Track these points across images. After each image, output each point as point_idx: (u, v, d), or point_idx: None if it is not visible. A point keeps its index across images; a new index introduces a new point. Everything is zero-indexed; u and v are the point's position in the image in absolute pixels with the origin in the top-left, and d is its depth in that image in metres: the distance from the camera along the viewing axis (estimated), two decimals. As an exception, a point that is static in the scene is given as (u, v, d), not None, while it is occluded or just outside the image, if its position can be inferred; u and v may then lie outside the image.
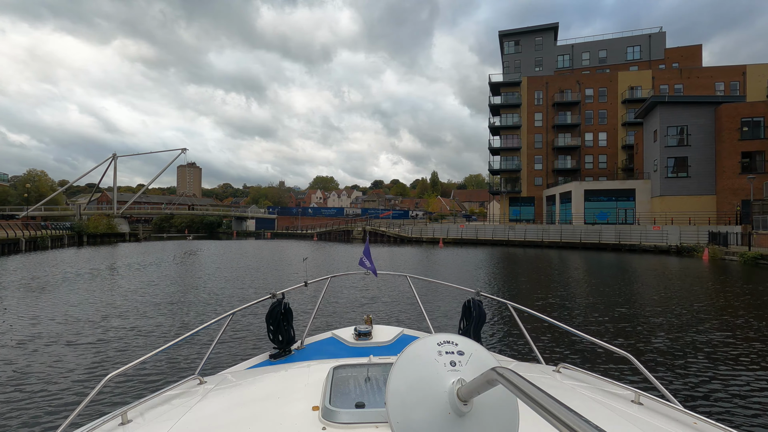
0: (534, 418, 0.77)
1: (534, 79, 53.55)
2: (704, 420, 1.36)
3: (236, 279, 16.25)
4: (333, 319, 9.13)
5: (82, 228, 44.02)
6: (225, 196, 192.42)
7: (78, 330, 8.19)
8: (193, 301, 11.52)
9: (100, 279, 15.93)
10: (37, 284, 14.52)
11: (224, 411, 1.42)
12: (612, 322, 9.08)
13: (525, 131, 53.47)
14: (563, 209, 45.46)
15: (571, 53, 57.40)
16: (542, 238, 39.61)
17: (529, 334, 2.72)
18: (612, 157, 51.47)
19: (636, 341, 7.68)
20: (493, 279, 17.02)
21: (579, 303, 11.52)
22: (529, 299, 12.17)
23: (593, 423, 0.53)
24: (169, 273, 18.32)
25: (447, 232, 46.37)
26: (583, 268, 20.96)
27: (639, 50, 55.08)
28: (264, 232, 75.50)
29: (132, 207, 69.46)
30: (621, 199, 41.42)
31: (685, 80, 49.52)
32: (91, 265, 21.68)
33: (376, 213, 79.39)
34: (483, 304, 2.86)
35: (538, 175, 53.32)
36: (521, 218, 52.73)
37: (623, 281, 15.90)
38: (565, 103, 51.99)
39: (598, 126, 51.96)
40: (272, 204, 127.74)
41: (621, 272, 19.01)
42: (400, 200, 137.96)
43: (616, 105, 51.49)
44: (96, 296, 12.05)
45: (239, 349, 6.86)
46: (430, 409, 0.77)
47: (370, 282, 13.80)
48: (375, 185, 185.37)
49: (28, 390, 5.25)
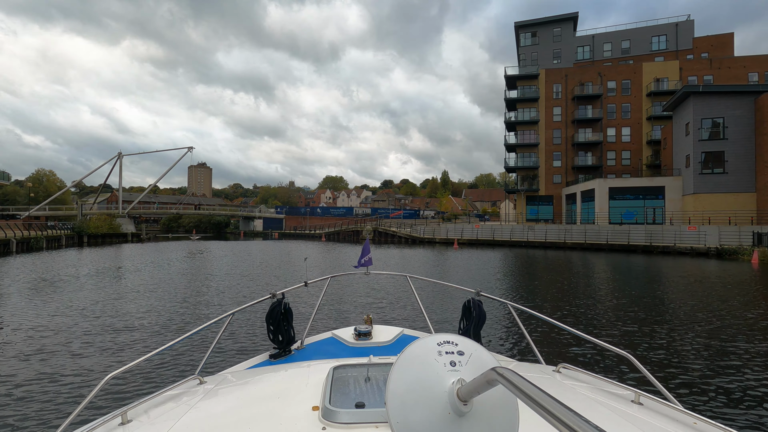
0: (534, 418, 0.77)
1: (552, 71, 50.89)
2: (704, 420, 1.35)
3: (230, 289, 14.23)
4: (333, 319, 9.10)
5: (83, 228, 42.56)
6: (235, 196, 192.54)
7: (78, 330, 8.17)
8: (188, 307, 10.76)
9: (78, 284, 14.08)
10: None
11: (224, 411, 1.42)
12: (648, 337, 7.94)
13: (543, 126, 50.83)
14: (585, 208, 42.81)
15: (591, 44, 54.51)
16: (564, 239, 37.03)
17: (529, 334, 2.70)
18: (636, 153, 48.57)
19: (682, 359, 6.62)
20: (519, 285, 14.75)
21: (616, 315, 9.93)
22: (560, 308, 10.49)
23: (593, 423, 0.53)
24: (151, 279, 16.39)
25: (461, 233, 44.01)
26: (615, 273, 18.56)
27: (665, 40, 51.99)
28: (271, 233, 74.05)
29: (138, 207, 68.27)
30: (649, 198, 38.63)
31: (716, 71, 46.45)
32: (73, 270, 19.86)
33: (386, 213, 77.31)
34: (483, 304, 2.83)
35: (557, 172, 50.64)
36: (539, 218, 50.11)
37: (663, 288, 13.54)
38: (585, 97, 49.23)
39: (621, 120, 49.10)
40: (281, 204, 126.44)
41: (657, 277, 16.56)
42: (410, 200, 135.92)
43: (641, 98, 48.59)
44: (95, 297, 12.01)
45: (239, 349, 6.84)
46: (430, 409, 0.77)
47: (370, 282, 13.60)
48: (384, 185, 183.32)
49: (28, 390, 5.26)
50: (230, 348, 6.94)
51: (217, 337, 2.41)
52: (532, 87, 51.41)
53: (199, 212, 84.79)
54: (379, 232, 52.19)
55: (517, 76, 52.15)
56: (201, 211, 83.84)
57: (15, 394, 5.13)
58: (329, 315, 9.45)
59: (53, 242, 35.74)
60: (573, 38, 54.86)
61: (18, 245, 29.40)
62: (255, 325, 8.21)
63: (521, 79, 52.12)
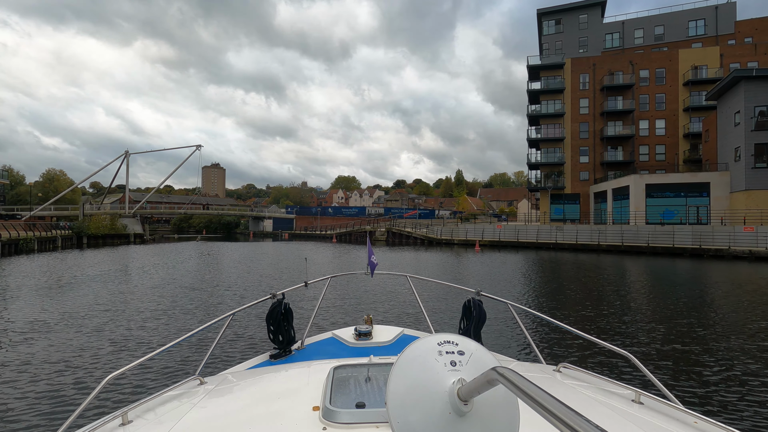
0: (534, 418, 0.77)
1: (579, 60, 47.36)
2: (704, 419, 1.35)
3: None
4: (333, 319, 9.06)
5: (82, 229, 40.61)
6: (248, 196, 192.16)
7: (77, 331, 8.12)
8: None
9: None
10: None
11: (225, 411, 1.42)
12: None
13: (569, 119, 47.33)
14: (617, 207, 39.30)
15: (621, 31, 50.76)
16: (598, 240, 33.65)
17: (529, 334, 2.69)
18: (672, 148, 44.79)
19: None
20: (573, 297, 11.75)
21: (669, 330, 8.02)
22: (625, 334, 7.97)
23: (594, 422, 0.53)
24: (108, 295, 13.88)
25: (482, 234, 40.87)
26: (677, 284, 15.37)
27: (703, 24, 48.00)
28: (281, 233, 71.90)
29: (145, 207, 66.69)
30: (692, 195, 34.98)
31: (761, 56, 42.43)
32: (36, 280, 17.47)
33: (400, 212, 74.54)
34: (483, 303, 2.82)
35: (584, 168, 47.10)
36: (564, 218, 46.64)
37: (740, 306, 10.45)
38: (615, 87, 45.60)
39: (655, 112, 45.35)
40: (293, 204, 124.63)
41: (724, 287, 13.34)
42: (424, 200, 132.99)
43: (677, 87, 44.78)
44: (95, 297, 11.96)
45: (239, 350, 6.84)
46: (430, 409, 0.77)
47: (370, 282, 13.40)
48: (397, 185, 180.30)
49: (28, 391, 5.26)
50: (231, 348, 6.92)
51: (217, 337, 2.39)
52: (556, 78, 47.95)
53: (208, 212, 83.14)
54: (392, 233, 49.34)
55: (540, 66, 48.74)
56: (209, 211, 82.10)
57: (15, 396, 5.14)
58: (329, 315, 9.39)
59: (47, 244, 33.62)
60: (601, 25, 51.24)
61: (4, 247, 27.22)
62: (255, 326, 8.19)
63: (545, 69, 48.69)
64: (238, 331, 7.79)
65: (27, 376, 5.80)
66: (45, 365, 6.22)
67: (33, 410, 4.70)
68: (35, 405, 4.83)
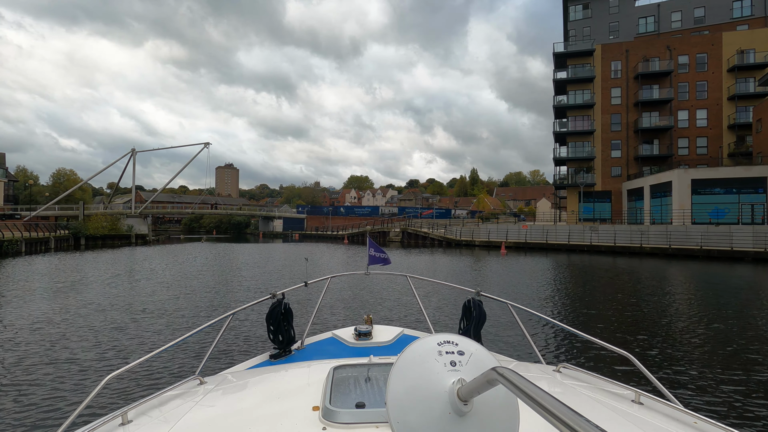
0: (534, 418, 0.77)
1: (610, 46, 43.68)
2: (704, 420, 1.35)
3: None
4: (333, 319, 9.04)
5: (80, 229, 38.59)
6: (261, 196, 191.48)
7: (77, 331, 8.02)
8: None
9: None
10: None
11: (224, 411, 1.43)
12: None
13: (599, 111, 43.68)
14: (656, 205, 35.61)
15: (656, 14, 46.82)
16: (641, 243, 30.10)
17: (529, 334, 2.63)
18: (715, 140, 40.80)
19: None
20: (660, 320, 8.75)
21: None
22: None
23: (593, 423, 0.53)
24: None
25: (506, 235, 37.58)
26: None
27: (749, 4, 43.79)
28: (291, 234, 69.62)
29: (152, 207, 64.90)
30: (745, 192, 31.16)
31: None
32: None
33: (415, 212, 71.40)
34: (483, 303, 2.79)
35: (616, 164, 43.41)
36: (594, 216, 42.99)
37: None
38: (651, 74, 41.80)
39: (696, 101, 41.42)
40: (305, 204, 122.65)
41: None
42: (438, 199, 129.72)
43: (720, 74, 40.78)
44: (94, 298, 11.69)
45: (239, 350, 6.82)
46: (430, 409, 0.78)
47: (370, 282, 13.43)
48: (410, 184, 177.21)
49: (28, 391, 5.21)
50: (230, 348, 6.88)
51: (217, 337, 2.37)
52: (585, 66, 44.32)
53: (217, 212, 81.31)
54: (408, 233, 46.32)
55: (567, 53, 45.18)
56: (218, 211, 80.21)
57: (15, 395, 5.07)
58: (329, 315, 9.37)
59: (39, 245, 31.49)
60: (633, 8, 47.41)
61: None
62: (255, 326, 8.13)
63: (572, 56, 45.11)
64: (238, 331, 7.77)
65: (27, 376, 5.75)
66: (45, 365, 6.15)
67: (33, 410, 4.68)
68: (35, 405, 4.81)
